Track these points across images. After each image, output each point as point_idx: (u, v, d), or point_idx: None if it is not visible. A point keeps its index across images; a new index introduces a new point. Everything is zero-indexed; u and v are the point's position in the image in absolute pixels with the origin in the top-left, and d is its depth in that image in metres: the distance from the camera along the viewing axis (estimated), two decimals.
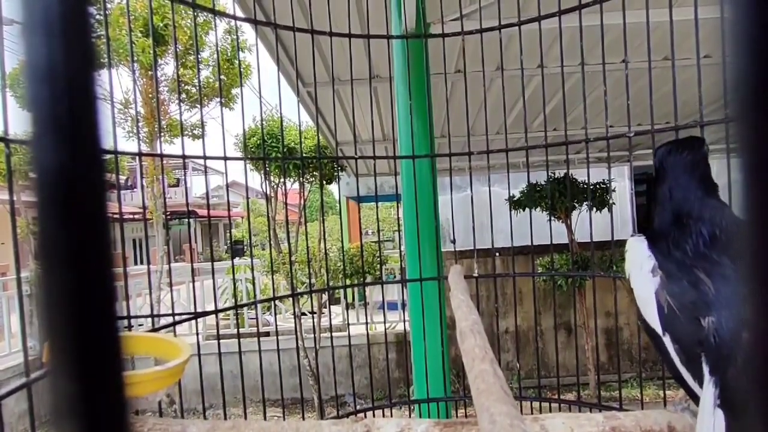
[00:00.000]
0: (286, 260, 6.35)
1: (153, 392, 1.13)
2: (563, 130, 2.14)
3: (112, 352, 0.21)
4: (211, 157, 1.90)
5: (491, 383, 0.71)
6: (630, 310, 6.59)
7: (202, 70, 7.55)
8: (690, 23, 1.68)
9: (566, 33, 2.10)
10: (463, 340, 0.98)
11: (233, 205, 21.67)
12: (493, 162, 2.05)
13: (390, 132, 4.15)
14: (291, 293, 2.23)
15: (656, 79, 2.03)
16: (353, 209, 13.01)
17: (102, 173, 0.21)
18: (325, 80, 4.20)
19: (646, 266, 1.06)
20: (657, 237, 1.12)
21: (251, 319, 7.89)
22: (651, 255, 1.08)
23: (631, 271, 1.12)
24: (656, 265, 1.05)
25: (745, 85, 0.19)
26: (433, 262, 2.45)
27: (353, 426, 1.08)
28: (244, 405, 2.06)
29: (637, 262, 1.10)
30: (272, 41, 3.08)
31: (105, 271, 0.21)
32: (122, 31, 6.60)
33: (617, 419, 1.11)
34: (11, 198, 1.12)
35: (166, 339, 1.35)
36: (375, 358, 7.08)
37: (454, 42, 3.46)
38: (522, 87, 2.23)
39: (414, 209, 2.29)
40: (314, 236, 7.86)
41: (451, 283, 1.67)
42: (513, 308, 7.03)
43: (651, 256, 1.07)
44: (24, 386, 1.09)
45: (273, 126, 6.68)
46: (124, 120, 7.36)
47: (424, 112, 2.50)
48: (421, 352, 2.40)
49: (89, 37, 0.21)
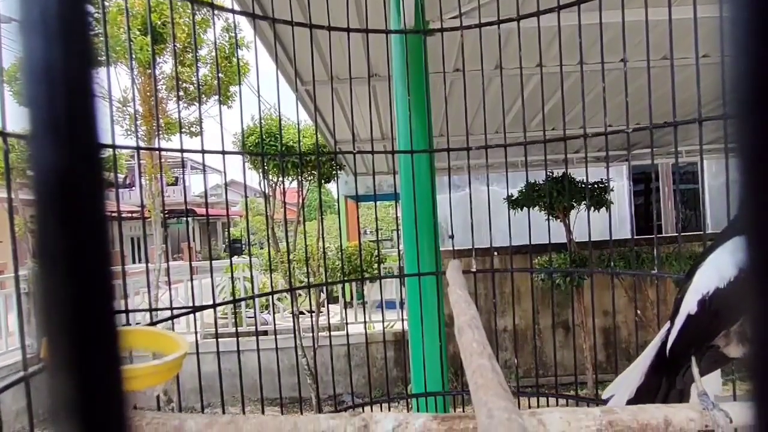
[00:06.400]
0: (284, 259, 6.34)
1: (151, 386, 1.13)
2: (562, 129, 2.14)
3: (110, 347, 0.21)
4: (209, 151, 1.89)
5: (489, 378, 0.71)
6: (628, 308, 6.60)
7: (200, 68, 7.54)
8: (689, 22, 1.68)
9: (565, 31, 2.10)
10: (461, 335, 0.99)
11: (232, 203, 21.64)
12: (492, 161, 2.06)
13: (389, 131, 4.14)
14: (289, 288, 2.23)
15: (655, 78, 2.04)
16: (352, 208, 13.01)
17: (100, 171, 0.21)
18: (324, 79, 4.19)
19: None
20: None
21: (249, 318, 7.89)
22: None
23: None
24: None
25: (744, 84, 0.19)
26: (431, 257, 2.45)
27: (351, 420, 1.08)
28: (242, 403, 2.06)
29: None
30: (270, 39, 3.08)
31: (103, 270, 0.21)
32: (120, 29, 6.58)
33: (614, 413, 1.11)
34: (9, 196, 1.11)
35: (164, 333, 1.34)
36: (373, 357, 7.08)
37: (452, 41, 3.46)
38: (521, 86, 2.23)
39: (412, 205, 2.29)
40: (312, 235, 7.86)
41: (449, 278, 1.67)
42: (511, 307, 7.03)
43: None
44: (22, 380, 1.09)
45: (271, 125, 6.67)
46: (122, 118, 7.34)
47: (422, 108, 2.50)
48: (419, 346, 2.40)
49: (87, 34, 0.21)
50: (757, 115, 0.18)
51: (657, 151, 8.52)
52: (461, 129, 2.70)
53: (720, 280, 1.08)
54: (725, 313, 1.09)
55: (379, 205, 4.92)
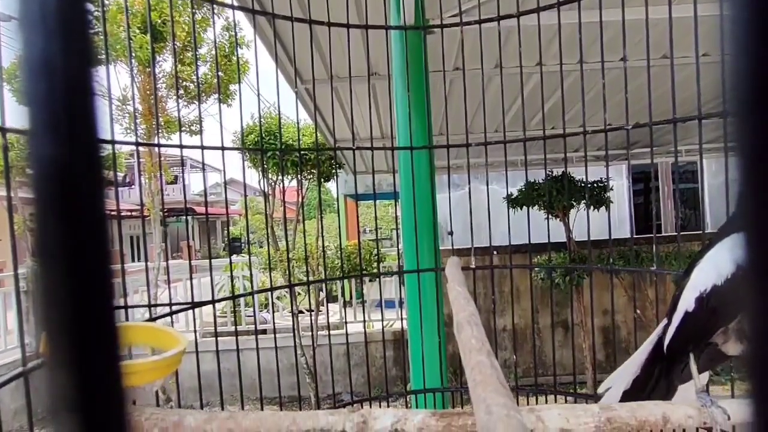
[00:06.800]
0: (283, 258, 6.34)
1: (150, 382, 1.13)
2: (561, 128, 2.14)
3: (110, 343, 0.21)
4: (208, 147, 1.89)
5: (488, 374, 0.71)
6: (627, 308, 6.61)
7: (200, 66, 7.53)
8: (689, 21, 1.68)
9: (565, 30, 2.10)
10: (460, 331, 0.99)
11: (231, 202, 21.64)
12: (491, 160, 2.05)
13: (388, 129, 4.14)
14: (288, 284, 2.23)
15: (654, 77, 2.04)
16: (351, 207, 13.01)
17: (99, 169, 0.21)
18: (324, 77, 4.19)
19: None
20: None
21: (248, 317, 7.89)
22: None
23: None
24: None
25: (744, 83, 0.19)
26: (430, 254, 2.45)
27: (350, 416, 1.08)
28: (241, 402, 2.06)
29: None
30: (270, 37, 3.07)
31: (103, 268, 0.21)
32: (120, 27, 6.57)
33: (613, 410, 1.11)
34: (8, 194, 1.11)
35: (163, 329, 1.34)
36: (372, 356, 7.08)
37: (452, 39, 3.46)
38: (521, 84, 2.23)
39: (412, 201, 2.28)
40: (312, 234, 7.85)
41: (448, 275, 1.67)
42: (510, 306, 7.02)
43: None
44: (21, 375, 1.09)
45: (271, 123, 6.66)
46: (121, 116, 7.34)
47: (422, 105, 2.50)
48: (419, 343, 2.40)
49: (87, 33, 0.21)
50: (757, 114, 0.18)
51: (657, 150, 8.51)
52: (461, 128, 2.71)
53: (718, 278, 1.08)
54: (723, 310, 1.10)
55: (379, 204, 4.92)
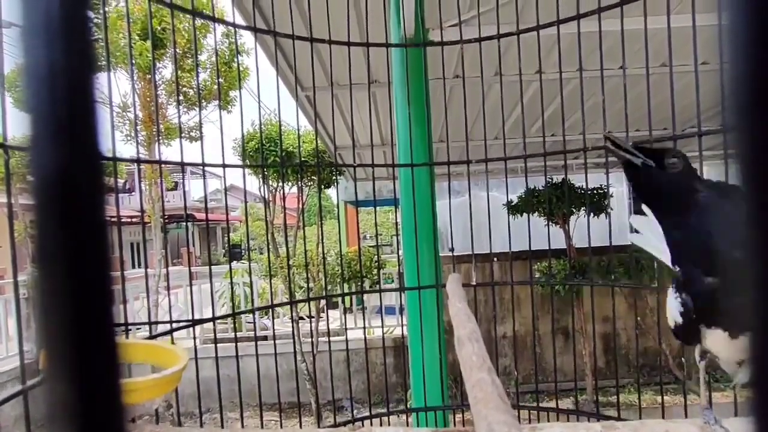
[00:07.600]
0: (284, 264, 6.33)
1: (150, 399, 1.12)
2: (561, 135, 2.14)
3: (109, 359, 0.21)
4: (209, 164, 1.91)
5: (489, 392, 0.71)
6: (627, 315, 6.59)
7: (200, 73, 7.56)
8: (688, 30, 1.69)
9: (564, 39, 2.11)
10: (461, 348, 0.98)
11: (231, 208, 21.64)
12: (491, 167, 2.05)
13: (388, 136, 4.14)
14: (289, 301, 2.22)
15: (654, 85, 2.04)
16: (351, 214, 13.01)
17: (100, 177, 0.21)
18: (324, 85, 4.20)
19: None
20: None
21: (248, 323, 7.87)
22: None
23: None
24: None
25: (743, 92, 0.19)
26: (431, 271, 2.44)
27: None
28: (241, 409, 2.05)
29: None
30: (271, 47, 3.09)
31: (103, 276, 0.21)
32: (121, 34, 6.60)
33: (615, 429, 1.10)
34: (9, 201, 1.11)
35: (164, 346, 1.34)
36: (372, 362, 7.05)
37: (453, 49, 3.47)
38: (520, 92, 2.24)
39: (412, 218, 2.28)
40: (312, 240, 7.85)
41: (449, 291, 1.66)
42: (511, 314, 7.00)
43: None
44: (20, 393, 1.09)
45: (271, 130, 6.68)
46: (122, 123, 7.35)
47: (422, 120, 2.50)
48: (419, 360, 2.39)
49: (88, 40, 0.21)
50: (755, 121, 0.18)
51: None
52: (461, 134, 2.71)
53: (675, 318, 1.10)
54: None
55: (379, 210, 4.92)
